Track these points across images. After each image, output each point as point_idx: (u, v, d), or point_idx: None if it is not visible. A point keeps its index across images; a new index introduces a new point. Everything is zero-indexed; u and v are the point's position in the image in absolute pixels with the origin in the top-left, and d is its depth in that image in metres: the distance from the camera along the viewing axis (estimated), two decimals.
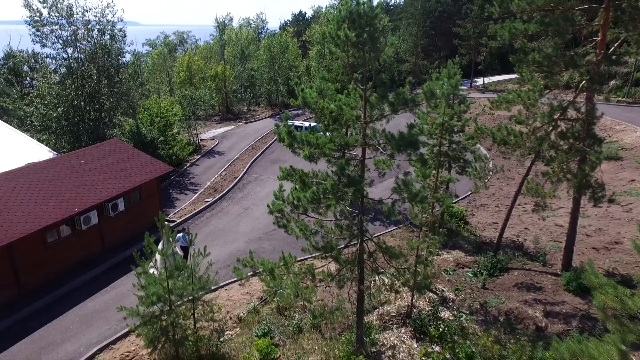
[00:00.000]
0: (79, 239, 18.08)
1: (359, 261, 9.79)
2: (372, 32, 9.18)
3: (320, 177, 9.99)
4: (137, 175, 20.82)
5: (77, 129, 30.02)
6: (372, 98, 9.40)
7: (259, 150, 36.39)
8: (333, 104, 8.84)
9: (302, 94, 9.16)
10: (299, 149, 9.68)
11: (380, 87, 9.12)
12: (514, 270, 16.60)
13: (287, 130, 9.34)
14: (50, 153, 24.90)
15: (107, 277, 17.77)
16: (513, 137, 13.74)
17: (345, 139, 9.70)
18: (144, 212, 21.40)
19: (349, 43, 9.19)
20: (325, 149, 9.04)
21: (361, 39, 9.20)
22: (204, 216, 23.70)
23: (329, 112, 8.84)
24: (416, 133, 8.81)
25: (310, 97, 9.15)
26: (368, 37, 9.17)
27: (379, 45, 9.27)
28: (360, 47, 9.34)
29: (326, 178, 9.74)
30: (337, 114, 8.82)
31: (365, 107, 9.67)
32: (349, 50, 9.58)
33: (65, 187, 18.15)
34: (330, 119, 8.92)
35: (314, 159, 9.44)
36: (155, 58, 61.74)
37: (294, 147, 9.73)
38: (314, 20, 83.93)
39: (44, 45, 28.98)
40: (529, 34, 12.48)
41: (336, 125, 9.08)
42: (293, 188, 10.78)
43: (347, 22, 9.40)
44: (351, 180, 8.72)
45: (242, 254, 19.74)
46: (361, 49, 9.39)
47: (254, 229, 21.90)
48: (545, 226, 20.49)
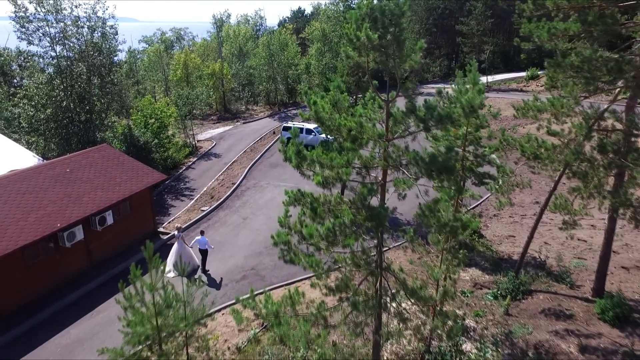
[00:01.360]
0: (63, 256, 16.58)
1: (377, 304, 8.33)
2: (397, 33, 7.69)
3: (334, 203, 8.51)
4: (128, 184, 19.30)
5: (66, 132, 28.43)
6: (397, 111, 7.91)
7: (257, 152, 34.88)
8: (351, 119, 7.36)
9: (314, 107, 7.67)
10: (308, 171, 8.19)
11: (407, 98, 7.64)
12: (538, 293, 15.17)
13: (296, 150, 7.85)
14: (35, 158, 23.34)
15: (93, 298, 16.27)
16: (545, 150, 12.30)
17: (364, 160, 8.22)
18: (135, 224, 19.91)
19: (370, 46, 7.70)
20: (342, 174, 7.56)
21: (385, 41, 7.71)
22: (200, 227, 22.18)
23: (346, 130, 7.36)
24: (453, 156, 7.34)
25: (324, 110, 7.66)
26: (393, 39, 7.68)
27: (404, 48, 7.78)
28: (383, 50, 7.85)
29: (340, 204, 8.27)
30: (357, 132, 7.35)
31: (388, 121, 8.20)
32: (369, 55, 8.10)
33: (47, 199, 16.62)
34: (349, 137, 7.43)
35: (328, 184, 7.95)
36: (152, 55, 60.05)
37: (303, 169, 8.24)
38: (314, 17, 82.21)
39: (30, 42, 27.33)
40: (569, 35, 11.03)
41: (355, 145, 7.60)
42: (300, 213, 9.31)
43: (368, 21, 7.92)
44: (374, 215, 7.26)
45: (242, 272, 18.33)
46: (384, 53, 7.90)
47: (254, 242, 20.42)
48: (566, 240, 19.07)
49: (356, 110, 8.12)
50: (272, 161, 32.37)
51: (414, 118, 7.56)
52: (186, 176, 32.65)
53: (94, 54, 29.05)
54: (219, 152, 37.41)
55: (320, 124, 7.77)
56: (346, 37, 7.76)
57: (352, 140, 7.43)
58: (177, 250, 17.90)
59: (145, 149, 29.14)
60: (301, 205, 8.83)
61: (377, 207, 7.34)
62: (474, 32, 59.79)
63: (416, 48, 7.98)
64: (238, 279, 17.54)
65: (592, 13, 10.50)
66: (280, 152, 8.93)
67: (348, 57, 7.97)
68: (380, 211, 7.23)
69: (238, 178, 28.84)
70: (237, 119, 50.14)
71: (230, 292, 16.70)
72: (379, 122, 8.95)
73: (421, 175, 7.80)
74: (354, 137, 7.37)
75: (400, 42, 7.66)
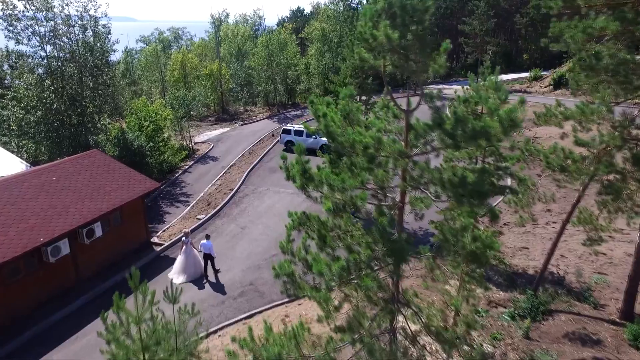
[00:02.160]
0: (47, 272, 15.42)
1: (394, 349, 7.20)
2: (420, 32, 6.57)
3: (344, 228, 7.38)
4: (119, 193, 18.14)
5: (57, 135, 27.25)
6: (418, 123, 6.78)
7: (256, 156, 33.73)
8: (368, 135, 6.24)
9: (323, 121, 6.55)
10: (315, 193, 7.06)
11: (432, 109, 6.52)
12: (559, 313, 14.07)
13: (301, 169, 6.71)
14: (22, 164, 22.18)
15: (79, 318, 15.10)
16: (572, 162, 11.19)
17: (380, 179, 7.08)
18: (126, 235, 18.77)
19: (389, 47, 6.57)
20: (356, 199, 6.44)
21: (405, 41, 6.58)
22: (195, 237, 21.00)
23: (362, 147, 6.23)
24: (487, 178, 6.22)
25: (335, 124, 6.52)
26: (415, 39, 6.55)
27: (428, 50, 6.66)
28: (403, 52, 6.72)
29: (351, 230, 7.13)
30: (374, 150, 6.22)
31: (407, 135, 7.07)
32: (387, 57, 6.98)
33: (30, 211, 15.46)
34: (365, 156, 6.31)
35: (340, 210, 6.82)
36: (149, 55, 58.84)
37: (309, 191, 7.11)
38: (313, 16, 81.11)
39: (19, 42, 26.13)
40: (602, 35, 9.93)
41: (372, 165, 6.47)
42: (305, 237, 8.20)
43: (385, 18, 6.79)
44: (396, 250, 6.14)
45: (239, 287, 17.12)
46: (404, 55, 6.78)
47: (252, 254, 19.27)
48: (583, 253, 17.97)
49: (370, 122, 6.99)
50: (272, 165, 31.21)
51: (441, 132, 6.43)
52: (182, 181, 31.50)
53: (85, 54, 27.88)
54: (217, 155, 36.29)
55: (330, 139, 6.64)
56: (360, 37, 6.63)
57: (369, 160, 6.31)
58: (184, 256, 17.44)
59: (139, 153, 27.98)
60: (306, 230, 7.69)
61: (399, 240, 6.23)
62: (476, 32, 58.66)
63: (441, 50, 6.85)
64: (236, 296, 16.40)
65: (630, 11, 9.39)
66: (282, 170, 7.80)
67: (362, 60, 6.84)
68: (404, 246, 6.12)
69: (236, 183, 27.69)
70: (236, 121, 49.00)
71: (228, 310, 15.56)
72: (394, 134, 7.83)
73: (448, 198, 6.67)
74: (371, 156, 6.24)
75: (424, 42, 6.54)
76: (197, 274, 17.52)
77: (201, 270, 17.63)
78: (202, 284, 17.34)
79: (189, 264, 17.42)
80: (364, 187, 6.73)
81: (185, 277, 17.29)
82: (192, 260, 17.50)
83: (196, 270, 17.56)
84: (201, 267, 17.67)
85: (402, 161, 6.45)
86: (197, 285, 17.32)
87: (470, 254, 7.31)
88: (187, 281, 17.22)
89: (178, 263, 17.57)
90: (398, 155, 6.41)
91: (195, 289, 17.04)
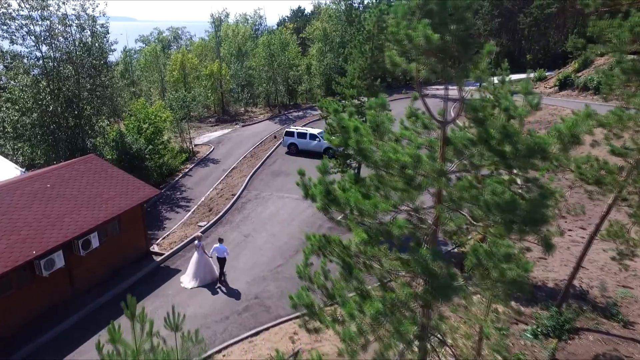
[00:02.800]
0: (40, 287, 14.54)
1: None
2: (462, 32, 5.71)
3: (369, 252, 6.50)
4: (117, 201, 17.25)
5: (53, 138, 26.34)
6: (458, 137, 5.91)
7: (258, 159, 32.82)
8: (407, 152, 5.36)
9: (354, 136, 5.68)
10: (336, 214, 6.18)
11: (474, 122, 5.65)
12: (586, 332, 13.21)
13: (324, 190, 5.84)
14: (17, 170, 21.29)
15: (75, 336, 14.19)
16: (608, 173, 10.34)
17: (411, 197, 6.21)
18: (124, 245, 17.89)
19: (425, 49, 5.70)
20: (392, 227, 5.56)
21: (444, 43, 5.71)
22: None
23: (399, 166, 5.36)
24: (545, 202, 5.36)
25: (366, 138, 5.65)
26: (457, 40, 5.69)
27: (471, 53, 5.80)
28: (442, 55, 5.86)
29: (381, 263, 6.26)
30: (412, 169, 5.35)
31: (443, 150, 6.20)
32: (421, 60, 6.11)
33: (23, 221, 14.57)
34: (402, 177, 5.44)
35: (373, 241, 5.94)
36: (148, 55, 57.92)
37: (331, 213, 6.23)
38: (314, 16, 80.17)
39: (13, 42, 25.24)
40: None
41: (409, 187, 5.60)
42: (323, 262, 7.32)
43: (420, 16, 5.93)
44: (440, 287, 5.27)
45: (244, 301, 16.09)
46: (443, 59, 5.91)
47: (257, 264, 18.38)
48: (605, 264, 17.12)
49: (401, 134, 6.13)
50: (274, 169, 30.33)
51: (485, 148, 5.55)
52: (182, 184, 30.63)
53: (83, 54, 26.97)
54: (218, 157, 35.41)
55: (361, 157, 5.76)
56: (392, 38, 5.75)
57: (407, 181, 5.44)
58: (197, 260, 17.01)
59: (138, 157, 27.07)
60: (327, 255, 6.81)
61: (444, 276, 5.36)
62: (480, 32, 57.85)
63: (483, 52, 5.99)
64: (240, 311, 15.51)
65: None
66: (299, 186, 6.92)
67: (393, 65, 5.96)
68: (449, 283, 5.26)
69: (238, 188, 26.79)
70: (236, 122, 48.11)
71: (232, 327, 14.67)
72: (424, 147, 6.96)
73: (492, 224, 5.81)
74: (409, 178, 5.37)
75: (467, 44, 5.67)
76: (210, 278, 17.12)
77: (213, 276, 17.22)
78: (215, 288, 16.86)
79: (200, 269, 17.06)
80: (397, 210, 5.87)
81: (198, 281, 16.92)
82: (204, 265, 17.13)
83: (208, 275, 17.16)
84: (213, 271, 17.28)
85: (442, 181, 5.58)
86: (210, 290, 16.79)
87: (513, 283, 6.46)
88: (199, 286, 16.84)
89: (190, 267, 17.24)
90: (438, 175, 5.54)
91: (208, 294, 16.55)
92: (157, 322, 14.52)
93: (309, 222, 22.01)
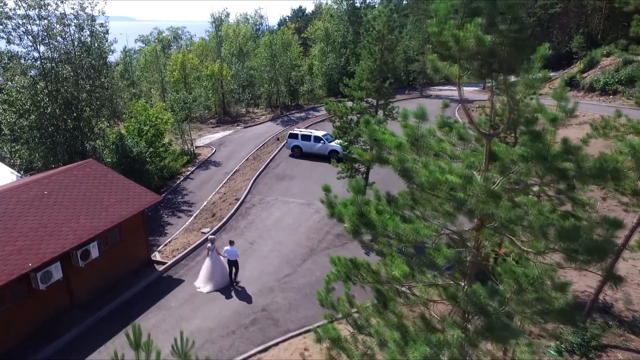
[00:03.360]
0: (37, 300, 13.80)
1: None
2: (515, 33, 4.99)
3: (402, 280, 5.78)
4: (117, 208, 16.52)
5: (51, 141, 25.59)
6: (508, 154, 5.20)
7: (261, 162, 32.07)
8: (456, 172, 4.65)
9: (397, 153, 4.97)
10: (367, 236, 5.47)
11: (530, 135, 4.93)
12: (614, 350, 12.52)
13: (357, 211, 5.12)
14: (13, 175, 20.56)
15: (74, 352, 13.48)
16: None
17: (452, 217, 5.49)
18: (125, 254, 17.17)
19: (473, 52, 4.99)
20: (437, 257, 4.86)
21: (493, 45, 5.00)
22: (201, 255, 19.40)
23: (447, 188, 4.65)
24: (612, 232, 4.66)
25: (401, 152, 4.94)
26: (508, 43, 4.98)
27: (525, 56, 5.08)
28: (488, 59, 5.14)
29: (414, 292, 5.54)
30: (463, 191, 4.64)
31: (487, 166, 5.49)
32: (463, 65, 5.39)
33: (18, 231, 13.84)
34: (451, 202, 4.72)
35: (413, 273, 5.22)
36: (148, 55, 57.17)
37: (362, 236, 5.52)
38: (315, 16, 79.45)
39: (10, 41, 24.50)
40: None
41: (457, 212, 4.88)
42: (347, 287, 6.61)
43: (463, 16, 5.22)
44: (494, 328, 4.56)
45: (251, 314, 15.22)
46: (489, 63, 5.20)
47: (263, 274, 17.65)
48: (627, 274, 16.43)
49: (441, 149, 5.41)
50: (278, 172, 29.60)
51: (543, 166, 4.84)
52: (184, 188, 29.91)
53: (82, 54, 26.23)
54: (219, 160, 34.71)
55: (405, 177, 5.04)
56: (435, 40, 5.03)
57: (457, 206, 4.73)
58: (211, 264, 16.69)
59: (139, 160, 26.33)
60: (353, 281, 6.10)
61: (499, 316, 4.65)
62: None
63: (536, 56, 5.27)
64: (247, 324, 14.78)
65: None
66: (324, 204, 6.20)
67: (436, 70, 5.24)
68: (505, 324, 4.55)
69: (242, 192, 26.05)
70: (238, 123, 47.39)
71: (239, 343, 13.94)
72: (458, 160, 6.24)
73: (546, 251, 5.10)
74: (460, 202, 4.66)
75: (521, 47, 4.95)
76: (225, 282, 16.81)
77: (226, 279, 16.90)
78: (229, 292, 16.46)
79: (215, 272, 16.74)
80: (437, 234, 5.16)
81: (213, 285, 16.63)
82: (218, 268, 16.80)
83: (223, 279, 16.82)
84: (227, 275, 16.95)
85: (491, 204, 4.86)
86: (224, 294, 16.34)
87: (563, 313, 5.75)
88: (215, 290, 16.50)
89: (204, 271, 16.91)
90: (488, 197, 4.82)
91: (222, 298, 16.13)
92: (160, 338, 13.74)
93: (316, 228, 21.30)
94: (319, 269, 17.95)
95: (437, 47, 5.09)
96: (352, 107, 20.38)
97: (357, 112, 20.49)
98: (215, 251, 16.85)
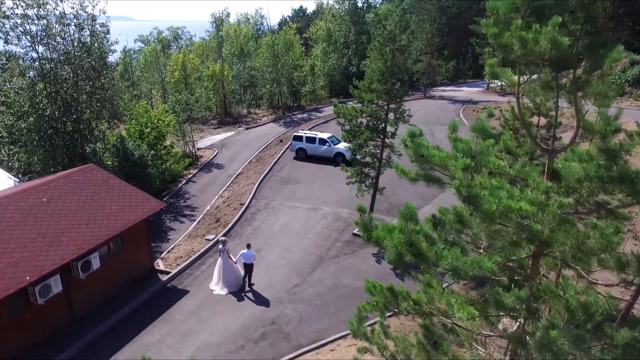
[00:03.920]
0: (35, 315, 13.08)
1: None
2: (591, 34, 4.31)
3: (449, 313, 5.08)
4: (119, 216, 15.81)
5: (50, 144, 24.85)
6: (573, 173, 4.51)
7: (265, 164, 31.35)
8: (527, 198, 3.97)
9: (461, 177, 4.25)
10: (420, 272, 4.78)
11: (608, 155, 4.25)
12: None
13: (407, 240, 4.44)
14: (10, 180, 19.84)
15: None
16: None
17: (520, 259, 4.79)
18: (127, 264, 16.48)
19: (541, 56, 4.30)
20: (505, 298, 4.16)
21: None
22: (205, 263, 18.69)
23: (518, 217, 3.97)
24: None
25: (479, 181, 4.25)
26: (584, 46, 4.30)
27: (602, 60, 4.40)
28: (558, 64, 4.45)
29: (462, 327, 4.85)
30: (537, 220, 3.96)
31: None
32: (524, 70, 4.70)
33: (15, 241, 13.12)
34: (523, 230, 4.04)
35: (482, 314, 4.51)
36: (148, 55, 56.47)
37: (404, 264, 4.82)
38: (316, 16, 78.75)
39: (7, 42, 23.76)
40: None
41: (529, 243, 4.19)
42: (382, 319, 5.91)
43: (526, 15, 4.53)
44: None
45: (260, 327, 14.42)
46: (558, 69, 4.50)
47: (271, 284, 16.95)
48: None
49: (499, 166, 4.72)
50: (283, 176, 28.88)
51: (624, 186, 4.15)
52: (186, 191, 29.22)
53: (81, 55, 25.49)
54: (222, 162, 34.03)
55: (471, 205, 4.34)
56: (495, 42, 4.34)
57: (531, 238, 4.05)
58: (223, 266, 16.39)
59: (140, 164, 25.61)
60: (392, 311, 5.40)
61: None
62: None
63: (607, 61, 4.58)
64: (256, 339, 14.07)
65: None
66: (358, 226, 5.50)
67: (494, 76, 4.56)
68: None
69: (246, 197, 25.31)
70: (239, 124, 46.71)
71: (249, 359, 13.24)
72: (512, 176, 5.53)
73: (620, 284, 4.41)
74: (534, 233, 3.98)
75: (597, 50, 4.26)
76: (238, 285, 16.59)
77: (239, 282, 16.60)
78: (242, 295, 16.14)
79: (228, 275, 16.56)
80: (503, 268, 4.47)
81: (227, 289, 16.44)
82: (231, 271, 16.62)
83: (237, 282, 16.54)
84: (240, 277, 16.64)
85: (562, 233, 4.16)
86: (231, 305, 15.78)
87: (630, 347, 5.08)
88: (229, 292, 16.26)
89: (216, 274, 16.79)
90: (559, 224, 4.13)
91: (229, 310, 15.54)
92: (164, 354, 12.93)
93: (324, 235, 20.61)
94: (329, 278, 17.27)
95: (500, 51, 4.41)
96: (362, 109, 19.68)
97: (367, 115, 19.79)
98: (226, 253, 16.55)
